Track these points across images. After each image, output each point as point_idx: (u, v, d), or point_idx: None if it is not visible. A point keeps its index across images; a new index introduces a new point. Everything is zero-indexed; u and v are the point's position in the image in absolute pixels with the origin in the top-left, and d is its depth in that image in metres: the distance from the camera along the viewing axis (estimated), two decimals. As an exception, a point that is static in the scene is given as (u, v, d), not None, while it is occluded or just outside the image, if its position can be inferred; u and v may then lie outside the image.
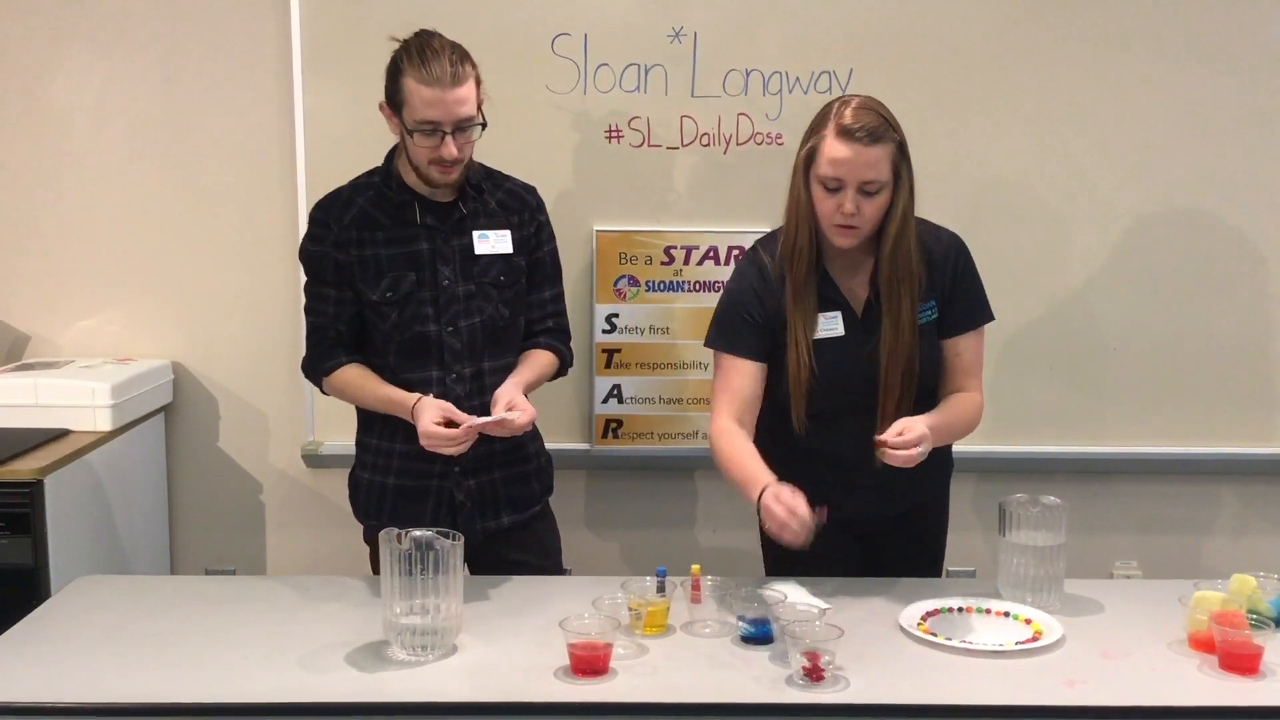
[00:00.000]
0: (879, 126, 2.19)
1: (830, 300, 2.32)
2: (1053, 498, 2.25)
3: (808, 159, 2.24)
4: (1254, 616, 2.01)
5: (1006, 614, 2.18)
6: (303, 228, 3.05)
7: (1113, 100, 3.04)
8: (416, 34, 2.34)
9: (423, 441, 2.28)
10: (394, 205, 2.42)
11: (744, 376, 2.32)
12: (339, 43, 3.03)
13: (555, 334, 2.57)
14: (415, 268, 2.41)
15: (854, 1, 3.01)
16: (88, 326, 3.24)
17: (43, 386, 2.92)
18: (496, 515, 2.49)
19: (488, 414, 2.34)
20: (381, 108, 2.37)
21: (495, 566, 2.46)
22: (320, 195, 2.48)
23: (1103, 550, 3.23)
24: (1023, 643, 2.06)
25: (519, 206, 2.50)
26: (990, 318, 2.41)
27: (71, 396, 2.92)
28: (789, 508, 2.06)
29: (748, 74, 3.04)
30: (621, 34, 3.02)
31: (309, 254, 2.46)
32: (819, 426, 2.32)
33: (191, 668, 1.97)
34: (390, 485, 2.48)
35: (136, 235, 3.20)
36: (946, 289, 2.34)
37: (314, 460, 3.20)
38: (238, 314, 3.22)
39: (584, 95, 3.04)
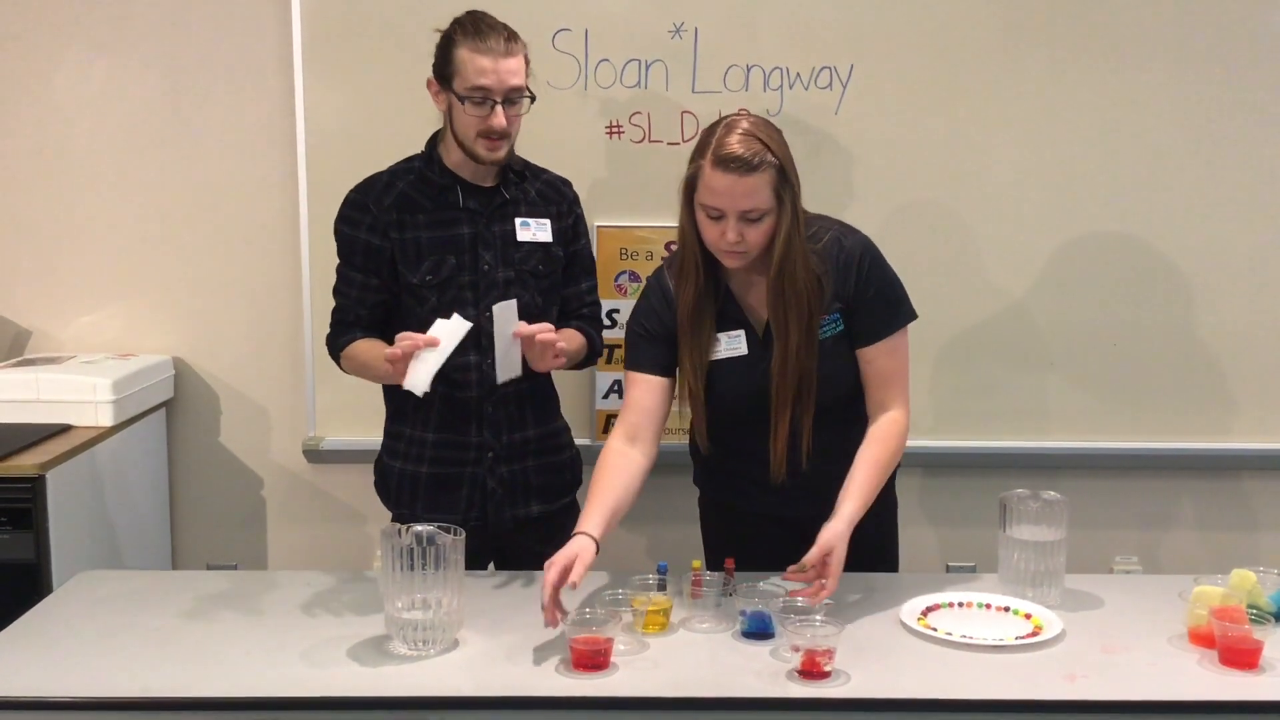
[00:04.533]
0: (756, 154, 2.11)
1: (733, 319, 2.30)
2: (1053, 493, 2.25)
3: (689, 185, 2.19)
4: (1254, 611, 2.01)
5: (1007, 609, 2.18)
6: (304, 223, 3.09)
7: (1112, 98, 3.04)
8: (468, 12, 2.38)
9: (393, 350, 2.22)
10: (436, 188, 2.43)
11: (640, 388, 2.31)
12: (339, 39, 3.03)
13: (589, 320, 2.58)
14: (456, 251, 2.42)
15: (854, -3, 3.02)
16: (89, 322, 3.25)
17: (44, 382, 2.93)
18: (526, 504, 2.51)
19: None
20: (429, 84, 2.40)
21: (523, 559, 2.46)
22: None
23: (1103, 545, 3.23)
24: (1023, 637, 2.06)
25: (557, 198, 2.53)
26: (906, 320, 2.29)
27: (73, 392, 2.92)
28: (562, 556, 2.03)
29: (748, 70, 3.04)
30: (622, 30, 3.02)
31: (341, 235, 2.47)
32: (724, 438, 2.36)
33: (193, 663, 1.98)
34: (424, 474, 2.49)
35: (138, 231, 3.20)
36: (850, 298, 2.25)
37: (315, 455, 3.20)
38: (239, 310, 3.22)
39: (585, 91, 3.04)
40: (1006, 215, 3.09)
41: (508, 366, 2.35)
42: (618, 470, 2.23)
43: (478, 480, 2.48)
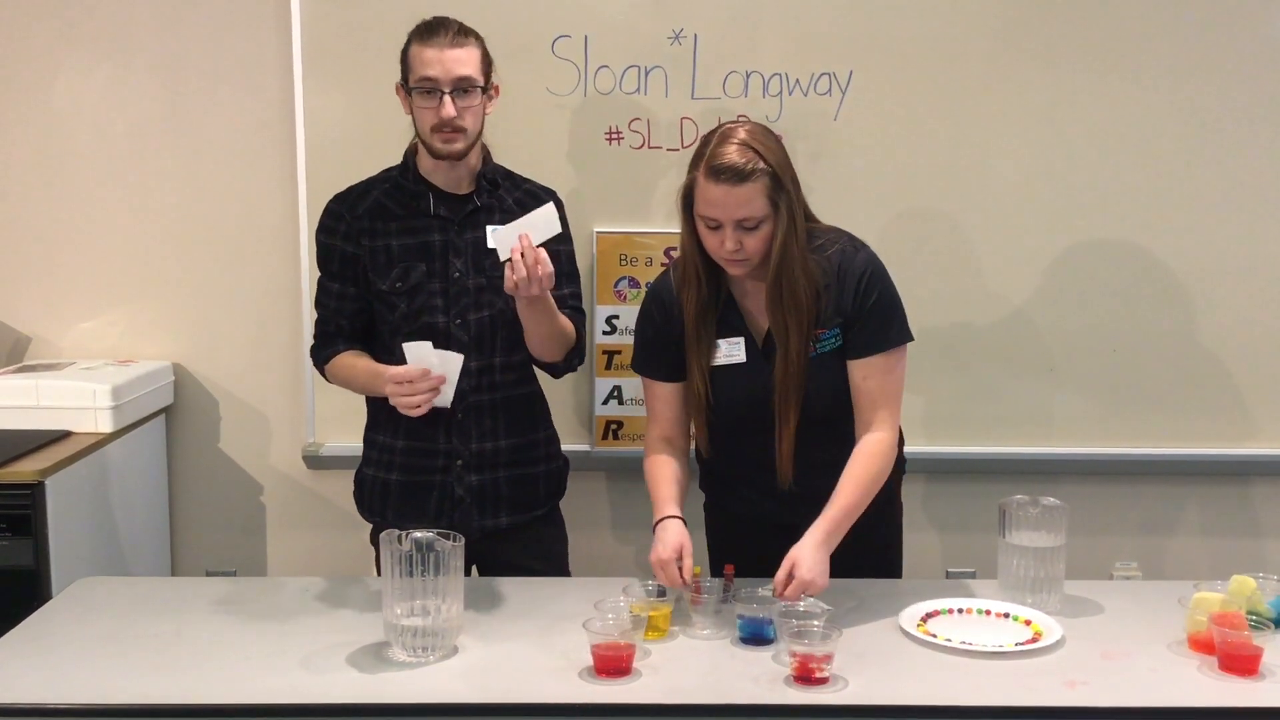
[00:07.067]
0: (748, 163, 2.11)
1: (733, 326, 2.30)
2: (1052, 499, 2.25)
3: (686, 195, 2.20)
4: (1253, 618, 2.02)
5: (1006, 615, 2.18)
6: (303, 229, 3.09)
7: (1112, 103, 3.04)
8: (431, 17, 2.40)
9: (390, 389, 2.27)
10: (409, 196, 2.44)
11: (661, 399, 2.37)
12: (339, 44, 3.04)
13: (573, 316, 2.54)
14: (426, 258, 2.42)
15: (854, 3, 3.01)
16: (89, 328, 3.24)
17: (44, 388, 2.93)
18: (496, 514, 2.49)
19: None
20: (397, 90, 2.42)
21: (496, 569, 2.47)
22: (321, 196, 2.50)
23: (1103, 551, 3.22)
24: (1022, 644, 2.06)
25: (535, 206, 2.50)
26: (900, 340, 2.27)
27: (73, 398, 2.92)
28: (670, 551, 2.15)
29: (748, 76, 3.04)
30: (622, 36, 3.02)
31: (319, 244, 2.50)
32: (724, 444, 2.36)
33: (192, 669, 1.98)
34: (394, 481, 2.49)
35: (137, 237, 3.20)
36: (849, 312, 2.24)
37: (315, 461, 3.20)
38: (238, 315, 3.22)
39: (584, 97, 3.04)
40: (1006, 220, 3.09)
41: (504, 248, 2.28)
42: (666, 460, 2.33)
43: (447, 488, 2.47)
